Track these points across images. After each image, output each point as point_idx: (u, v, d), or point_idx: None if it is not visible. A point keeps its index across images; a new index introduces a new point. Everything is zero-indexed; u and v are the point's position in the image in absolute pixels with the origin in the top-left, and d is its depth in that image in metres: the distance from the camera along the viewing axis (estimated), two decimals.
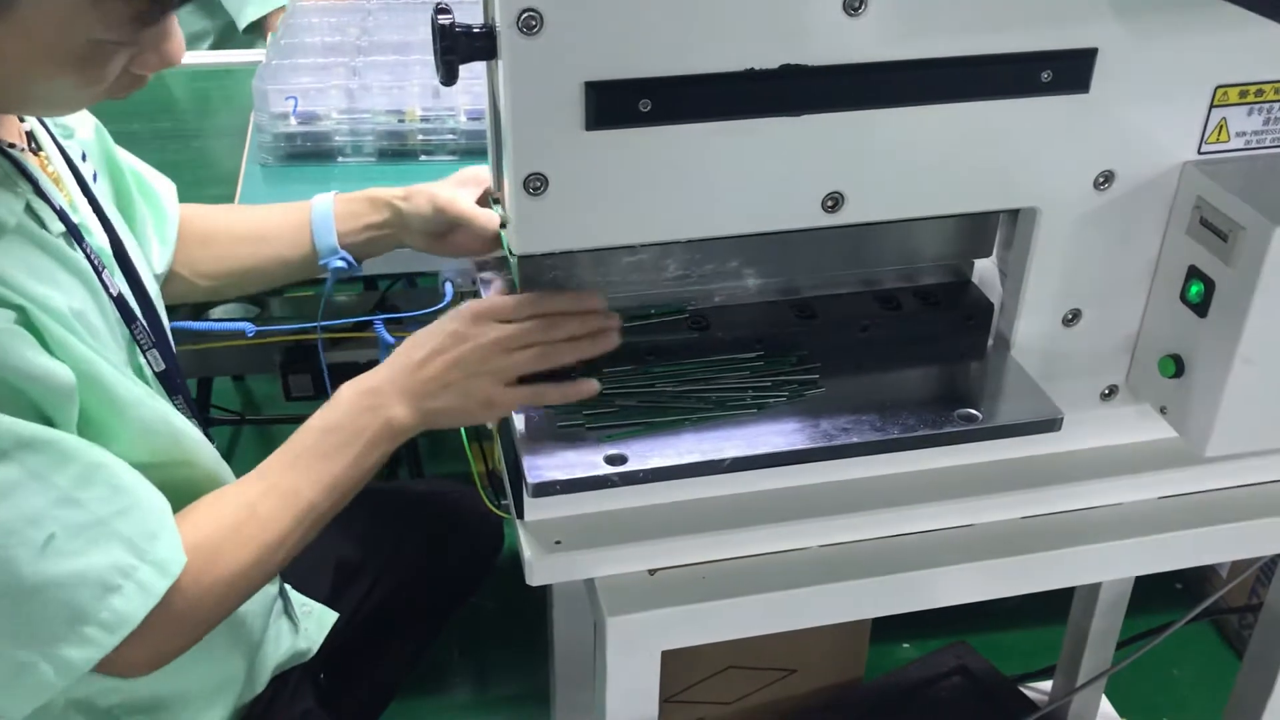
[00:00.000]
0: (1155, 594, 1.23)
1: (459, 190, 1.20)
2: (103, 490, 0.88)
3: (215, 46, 2.35)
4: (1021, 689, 1.82)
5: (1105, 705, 1.79)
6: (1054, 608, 1.72)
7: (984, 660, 1.82)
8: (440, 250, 1.23)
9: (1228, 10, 0.86)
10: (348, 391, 0.99)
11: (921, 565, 1.03)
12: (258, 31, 2.27)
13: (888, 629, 2.00)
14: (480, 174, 1.22)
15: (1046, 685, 1.84)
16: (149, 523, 0.89)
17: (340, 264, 1.26)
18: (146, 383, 1.03)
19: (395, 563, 1.40)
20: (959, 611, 2.01)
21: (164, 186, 1.25)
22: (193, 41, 2.34)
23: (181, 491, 0.96)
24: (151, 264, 1.19)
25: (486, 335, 0.96)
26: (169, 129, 1.81)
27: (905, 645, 2.07)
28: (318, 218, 1.26)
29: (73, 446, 0.87)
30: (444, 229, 1.21)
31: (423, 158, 1.59)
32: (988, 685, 1.78)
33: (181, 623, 0.92)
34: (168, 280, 1.24)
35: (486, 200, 1.20)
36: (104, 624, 0.86)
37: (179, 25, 0.89)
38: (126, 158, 1.21)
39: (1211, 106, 0.96)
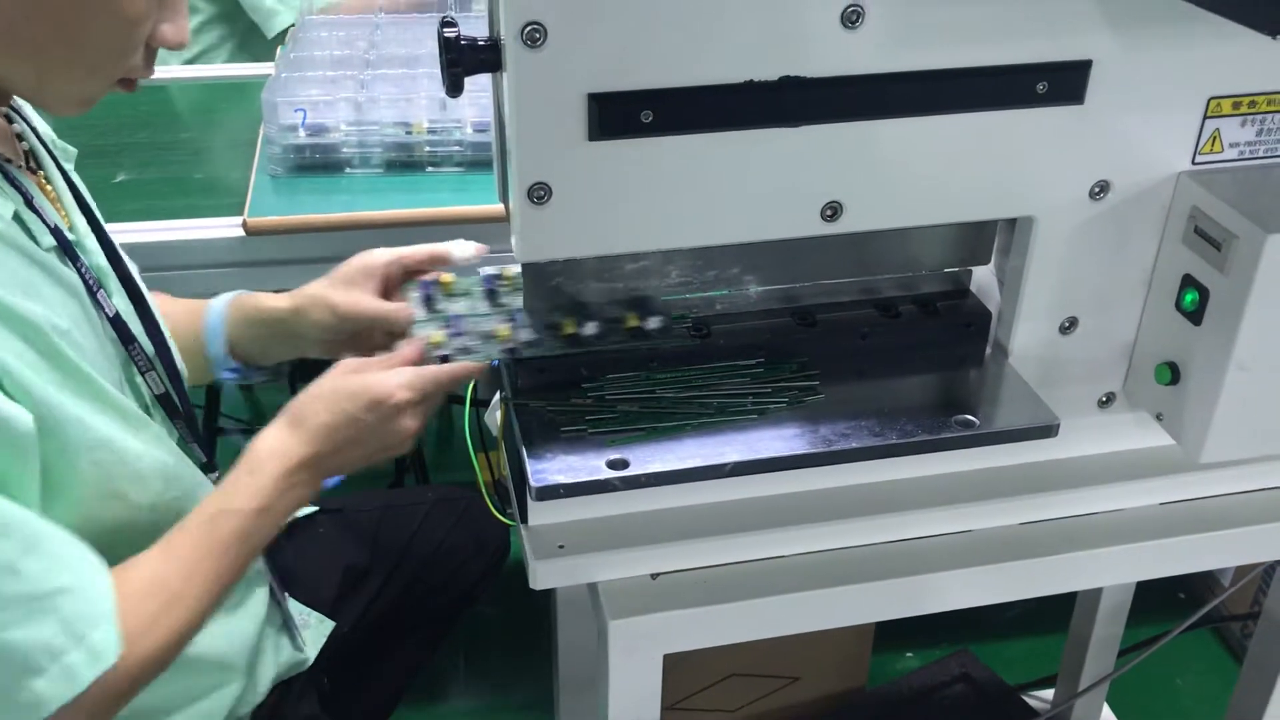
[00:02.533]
0: (1158, 603, 1.24)
1: (354, 291, 1.13)
2: (47, 563, 0.84)
3: (233, 57, 2.37)
4: (1024, 697, 1.83)
5: (1107, 713, 1.80)
6: (1056, 617, 1.73)
7: (986, 669, 1.83)
8: (341, 352, 1.14)
9: (1220, 23, 0.87)
10: (273, 467, 0.98)
11: (922, 570, 1.04)
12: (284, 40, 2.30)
13: (891, 638, 2.01)
14: (369, 262, 1.14)
15: (1049, 694, 1.85)
16: (91, 605, 0.85)
17: (231, 376, 1.20)
18: (144, 404, 1.04)
19: (401, 569, 1.42)
20: (962, 621, 2.03)
21: None
22: (210, 53, 2.37)
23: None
24: None
25: (403, 426, 1.00)
26: (180, 140, 1.83)
27: (909, 655, 2.08)
28: (210, 322, 1.19)
29: (17, 515, 0.83)
30: (347, 334, 1.14)
31: (429, 169, 1.61)
32: (990, 693, 1.79)
33: (97, 707, 0.87)
34: None
35: (391, 287, 1.14)
36: (20, 706, 0.82)
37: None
38: None
39: (1205, 118, 0.97)
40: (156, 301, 1.13)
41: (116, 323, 1.00)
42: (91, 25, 0.87)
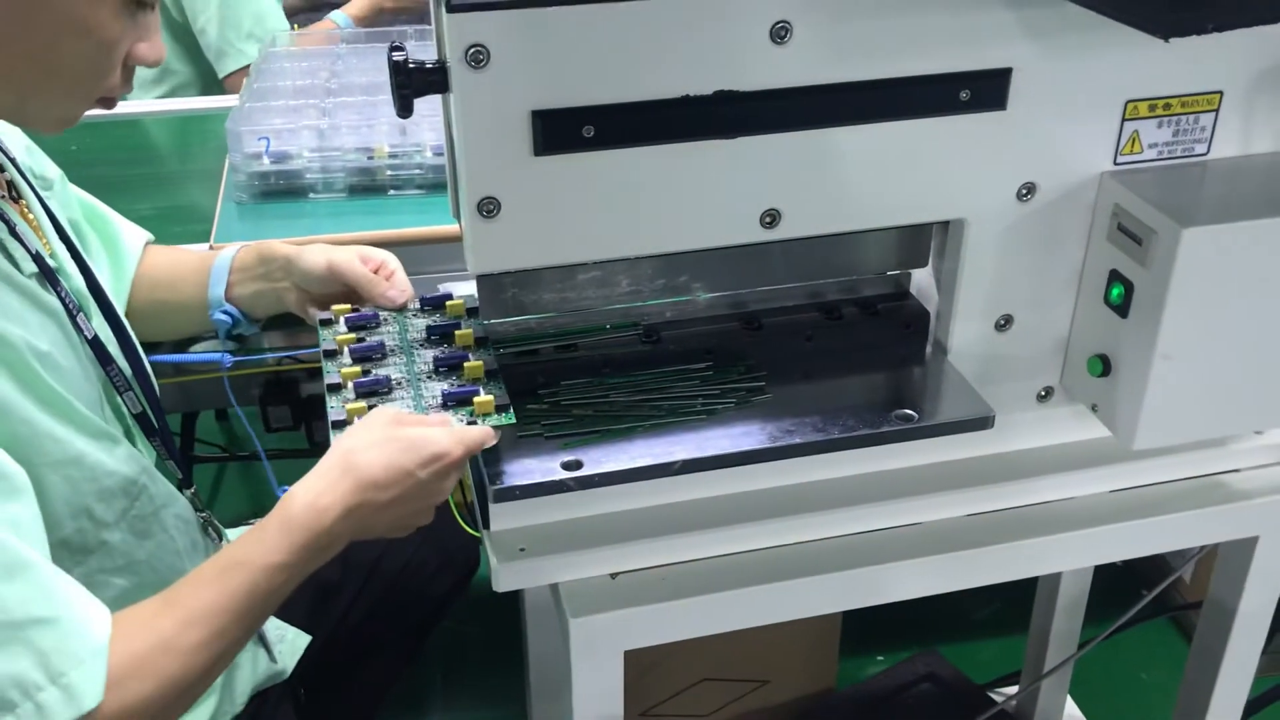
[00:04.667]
0: (1120, 603, 1.28)
1: (354, 259, 1.18)
2: (26, 591, 0.81)
3: (204, 94, 2.41)
4: (990, 694, 1.86)
5: (1071, 707, 1.84)
6: (1021, 619, 1.77)
7: (952, 667, 1.86)
8: (308, 312, 1.21)
9: (1133, 30, 0.92)
10: (308, 524, 0.93)
11: (875, 562, 1.08)
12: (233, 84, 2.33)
13: (861, 642, 2.05)
14: (378, 254, 1.21)
15: (1014, 690, 1.88)
16: (74, 641, 0.82)
17: (223, 318, 1.24)
18: (125, 422, 1.07)
19: (372, 584, 1.44)
20: (929, 623, 2.07)
21: (130, 235, 1.29)
22: (181, 89, 2.41)
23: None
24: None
25: (447, 486, 0.97)
26: (149, 171, 1.87)
27: (879, 658, 2.11)
28: (217, 266, 1.25)
29: (6, 542, 0.81)
30: (330, 290, 1.19)
31: (391, 193, 1.65)
32: (956, 690, 1.82)
33: None
34: None
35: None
36: None
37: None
38: (100, 207, 1.27)
39: (1124, 120, 1.02)
40: (174, 257, 1.22)
41: (95, 345, 1.04)
42: (69, 48, 0.91)
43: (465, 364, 1.05)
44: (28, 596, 0.81)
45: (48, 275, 1.00)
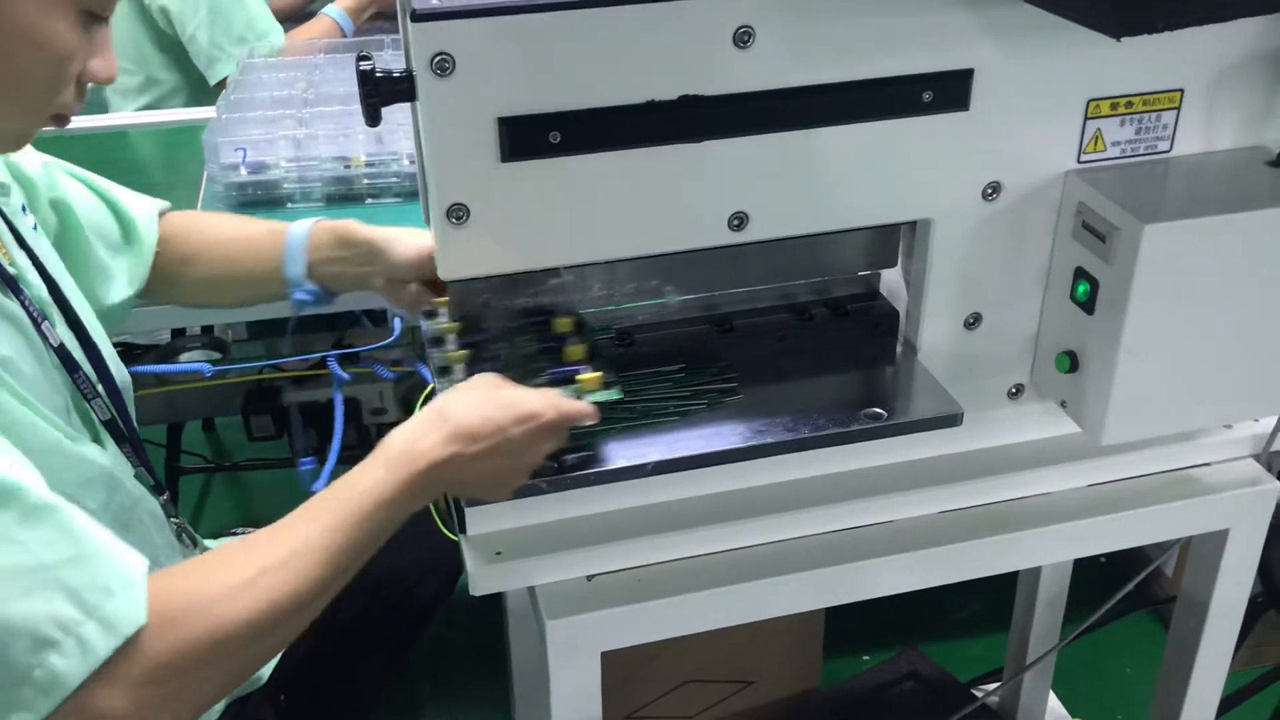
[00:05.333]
0: (1100, 593, 1.29)
1: None
2: (49, 534, 0.81)
3: (190, 102, 2.41)
4: (973, 691, 1.87)
5: (1054, 702, 1.85)
6: (1003, 617, 1.78)
7: (935, 664, 1.87)
8: (399, 297, 1.23)
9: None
10: (407, 465, 0.93)
11: (850, 559, 1.09)
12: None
13: (844, 641, 2.05)
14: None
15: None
16: (104, 575, 0.82)
17: (305, 297, 1.26)
18: (94, 430, 1.08)
19: (356, 588, 1.44)
20: (913, 622, 2.08)
21: (141, 209, 1.30)
22: (166, 99, 2.41)
23: None
24: (108, 294, 1.24)
25: (540, 449, 0.97)
26: (129, 182, 1.86)
27: (864, 657, 2.12)
28: (291, 244, 1.26)
29: (18, 487, 0.81)
30: (422, 276, 1.20)
31: (369, 201, 1.66)
32: (940, 688, 1.83)
33: (147, 677, 0.82)
34: (149, 285, 1.29)
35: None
36: (38, 685, 0.79)
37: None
38: (100, 183, 1.27)
39: (1086, 119, 1.03)
40: (241, 227, 1.25)
41: (61, 352, 1.04)
42: (21, 63, 0.91)
43: (565, 348, 1.07)
44: (52, 539, 0.81)
45: (8, 283, 1.00)
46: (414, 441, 0.94)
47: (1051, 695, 1.83)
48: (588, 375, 1.02)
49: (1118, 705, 2.06)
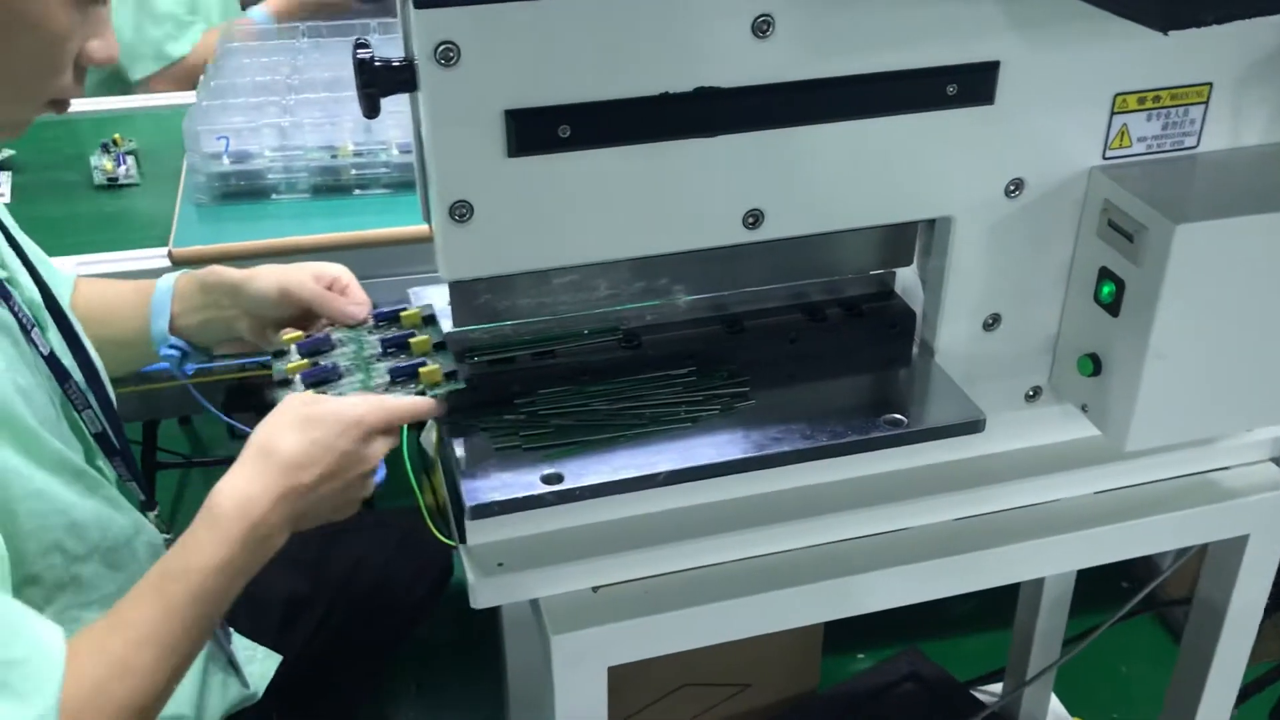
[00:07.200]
0: (1102, 593, 1.26)
1: (303, 275, 1.11)
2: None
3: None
4: (973, 692, 1.85)
5: (1055, 704, 1.83)
6: (1004, 613, 1.75)
7: (935, 665, 1.85)
8: (267, 336, 1.13)
9: (1121, 20, 0.89)
10: (236, 516, 0.90)
11: (862, 570, 1.05)
12: (145, 88, 2.23)
13: (842, 641, 2.03)
14: (331, 270, 1.14)
15: (998, 687, 1.87)
16: (31, 675, 0.81)
17: (171, 351, 1.15)
18: (85, 444, 1.03)
19: (344, 595, 1.41)
20: (912, 621, 2.05)
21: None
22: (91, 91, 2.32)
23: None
24: None
25: (375, 452, 0.94)
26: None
27: (860, 656, 2.09)
28: (156, 299, 1.17)
29: None
30: (285, 313, 1.11)
31: (357, 192, 1.60)
32: (940, 689, 1.81)
33: None
34: None
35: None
36: None
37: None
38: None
39: (1112, 113, 1.00)
40: (107, 290, 1.14)
41: (52, 361, 0.99)
42: (16, 45, 0.87)
43: (411, 340, 1.03)
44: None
45: None
46: (242, 491, 0.90)
47: (1053, 696, 1.81)
48: (428, 368, 0.99)
49: (1117, 706, 2.04)
